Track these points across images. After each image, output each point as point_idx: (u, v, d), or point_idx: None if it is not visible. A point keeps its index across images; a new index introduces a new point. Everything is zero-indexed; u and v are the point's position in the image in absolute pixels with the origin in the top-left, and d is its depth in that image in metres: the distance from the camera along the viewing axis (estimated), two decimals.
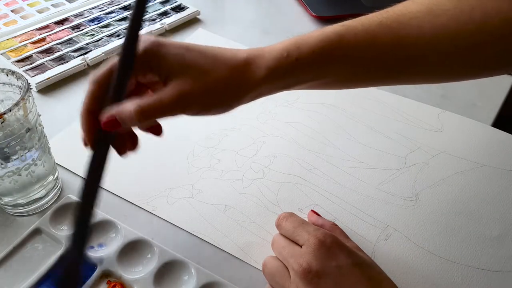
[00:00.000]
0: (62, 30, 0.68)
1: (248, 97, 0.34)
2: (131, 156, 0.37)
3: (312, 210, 0.43)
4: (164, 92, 0.32)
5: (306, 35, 0.35)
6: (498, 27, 0.34)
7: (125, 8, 0.74)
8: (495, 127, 0.55)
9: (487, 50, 0.36)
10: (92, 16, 0.71)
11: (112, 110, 0.31)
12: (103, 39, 0.66)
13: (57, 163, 0.46)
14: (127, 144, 0.36)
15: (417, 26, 0.34)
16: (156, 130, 0.37)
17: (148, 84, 0.35)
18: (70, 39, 0.66)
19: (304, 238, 0.35)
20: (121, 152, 0.36)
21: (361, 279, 0.33)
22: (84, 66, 0.62)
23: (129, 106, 0.31)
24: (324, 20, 0.73)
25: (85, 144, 0.33)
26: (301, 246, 0.35)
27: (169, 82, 0.32)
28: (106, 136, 0.32)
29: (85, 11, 0.72)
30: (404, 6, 0.36)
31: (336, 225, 0.40)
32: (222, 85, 0.33)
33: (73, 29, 0.68)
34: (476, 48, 0.35)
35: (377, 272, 0.35)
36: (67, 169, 0.48)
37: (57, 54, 0.63)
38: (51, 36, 0.67)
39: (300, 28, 0.49)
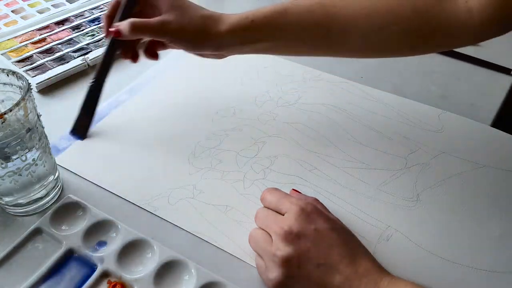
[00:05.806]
0: (62, 30, 0.68)
1: (210, 43, 0.45)
2: (131, 156, 0.38)
3: (293, 189, 0.44)
4: (153, 19, 0.44)
5: (261, 7, 0.45)
6: (406, 11, 0.42)
7: None
8: (495, 127, 0.55)
9: (393, 31, 0.43)
10: (92, 17, 0.71)
11: (117, 24, 0.45)
12: (103, 40, 0.66)
13: (57, 163, 0.46)
14: (131, 55, 0.50)
15: (344, 6, 0.44)
16: (152, 55, 0.49)
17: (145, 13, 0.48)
18: (71, 39, 0.66)
19: (286, 206, 0.38)
20: (124, 56, 0.50)
21: (337, 242, 0.36)
22: (85, 66, 0.62)
23: (126, 21, 0.44)
24: None
25: (105, 36, 0.49)
26: (283, 215, 0.38)
27: (158, 15, 0.45)
28: (115, 39, 0.47)
29: (86, 12, 0.73)
30: None
31: (318, 200, 0.42)
32: (193, 26, 0.44)
33: (73, 30, 0.68)
34: (384, 28, 0.43)
35: (353, 239, 0.38)
36: (67, 169, 0.48)
37: (57, 55, 0.63)
38: (52, 37, 0.67)
39: None
